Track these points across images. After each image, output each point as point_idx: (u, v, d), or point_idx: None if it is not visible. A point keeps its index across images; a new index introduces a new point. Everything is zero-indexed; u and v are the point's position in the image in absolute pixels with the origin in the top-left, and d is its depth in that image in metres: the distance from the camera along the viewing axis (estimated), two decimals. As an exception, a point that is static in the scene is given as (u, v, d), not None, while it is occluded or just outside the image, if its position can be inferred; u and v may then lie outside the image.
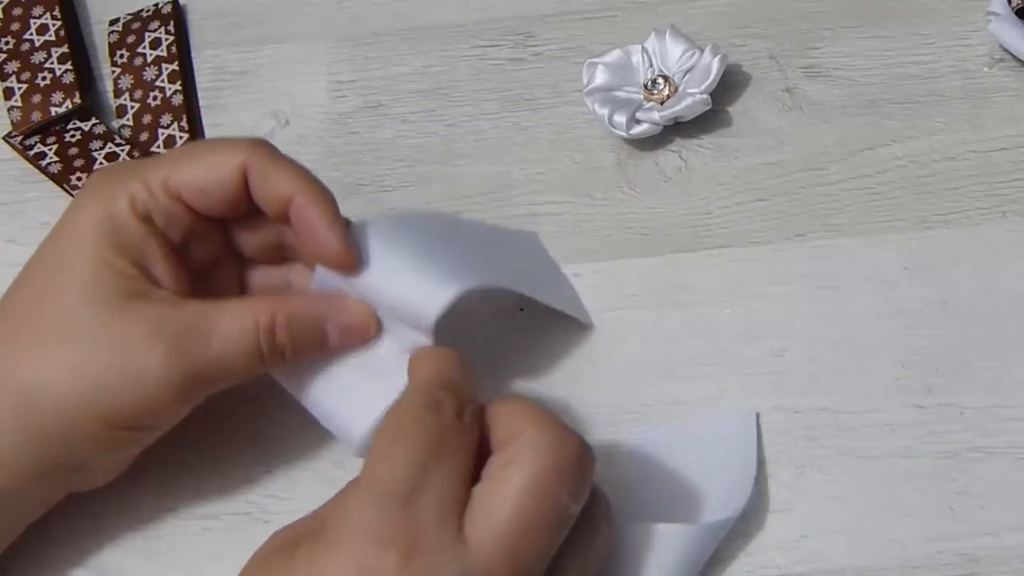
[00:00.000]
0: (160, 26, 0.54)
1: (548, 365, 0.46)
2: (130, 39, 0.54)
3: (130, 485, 0.44)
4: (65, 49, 0.53)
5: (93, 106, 0.53)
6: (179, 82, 0.53)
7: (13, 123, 0.52)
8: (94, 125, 0.52)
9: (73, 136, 0.52)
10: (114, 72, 0.53)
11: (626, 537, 0.40)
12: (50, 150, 0.52)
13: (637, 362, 0.46)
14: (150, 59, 0.53)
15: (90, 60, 0.55)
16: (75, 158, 0.51)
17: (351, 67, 0.53)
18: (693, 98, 0.48)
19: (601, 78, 0.50)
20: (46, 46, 0.53)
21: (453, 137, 0.51)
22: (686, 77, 0.50)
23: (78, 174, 0.51)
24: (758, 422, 0.44)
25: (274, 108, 0.53)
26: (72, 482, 0.41)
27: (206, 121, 0.52)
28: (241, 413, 0.45)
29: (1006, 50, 0.50)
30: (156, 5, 0.55)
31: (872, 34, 0.52)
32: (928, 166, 0.48)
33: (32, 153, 0.52)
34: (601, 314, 0.47)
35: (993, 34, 0.49)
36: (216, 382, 0.39)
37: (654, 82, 0.50)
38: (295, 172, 0.40)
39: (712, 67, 0.49)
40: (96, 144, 0.52)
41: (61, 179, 0.51)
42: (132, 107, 0.52)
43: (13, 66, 0.53)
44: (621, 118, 0.48)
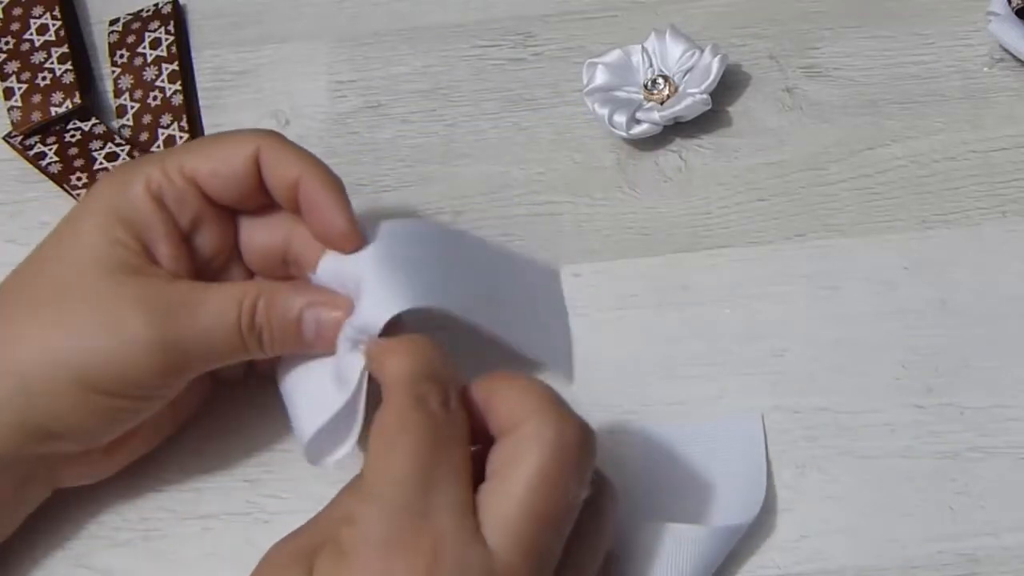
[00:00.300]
0: (160, 26, 0.54)
1: (548, 365, 0.46)
2: (130, 39, 0.54)
3: (131, 485, 0.44)
4: (65, 49, 0.53)
5: (93, 106, 0.53)
6: (179, 82, 0.53)
7: (13, 123, 0.52)
8: (94, 125, 0.52)
9: (73, 136, 0.52)
10: (114, 72, 0.53)
11: (641, 536, 0.40)
12: (50, 150, 0.52)
13: (637, 362, 0.46)
14: (150, 59, 0.53)
15: (90, 60, 0.55)
16: (75, 158, 0.51)
17: (351, 67, 0.53)
18: (693, 98, 0.48)
19: (601, 78, 0.50)
20: (46, 46, 0.53)
21: (453, 137, 0.51)
22: (686, 77, 0.50)
23: (78, 174, 0.51)
24: (763, 423, 0.44)
25: (274, 108, 0.53)
26: (60, 465, 0.41)
27: (206, 121, 0.52)
28: (241, 413, 0.45)
29: (1006, 50, 0.50)
30: (156, 5, 0.55)
31: (872, 34, 0.52)
32: (928, 166, 0.49)
33: (32, 153, 0.52)
34: (601, 314, 0.47)
35: (993, 34, 0.49)
36: (199, 358, 0.40)
37: (654, 82, 0.50)
38: (303, 157, 0.41)
39: (712, 67, 0.49)
40: (96, 144, 0.52)
41: (61, 179, 0.51)
42: (132, 107, 0.52)
43: (13, 66, 0.53)
44: (621, 118, 0.48)
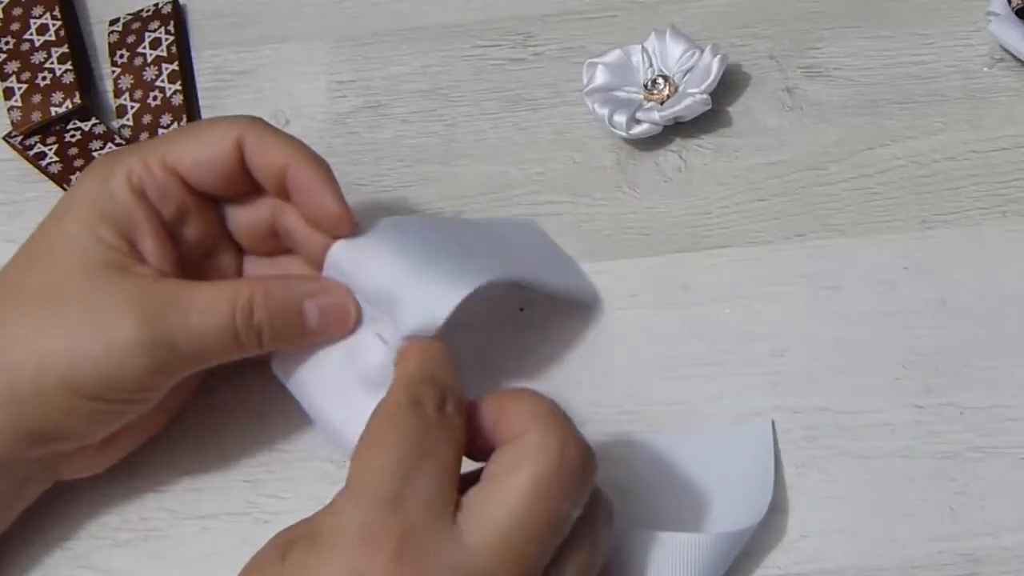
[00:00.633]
0: (160, 26, 0.54)
1: (548, 365, 0.46)
2: (130, 39, 0.54)
3: (131, 485, 0.44)
4: (65, 49, 0.53)
5: (93, 106, 0.53)
6: (179, 82, 0.53)
7: (13, 123, 0.52)
8: (94, 125, 0.52)
9: (73, 136, 0.52)
10: (114, 72, 0.53)
11: (646, 544, 0.40)
12: (50, 150, 0.52)
13: (637, 362, 0.46)
14: (150, 59, 0.53)
15: (90, 60, 0.55)
16: (75, 158, 0.51)
17: (351, 67, 0.53)
18: (693, 98, 0.48)
19: (601, 78, 0.50)
20: (46, 46, 0.53)
21: (453, 137, 0.51)
22: (686, 77, 0.50)
23: (78, 174, 0.51)
24: (774, 431, 0.44)
25: (274, 108, 0.52)
26: (56, 462, 0.41)
27: (206, 121, 0.53)
28: (241, 413, 0.45)
29: (1006, 50, 0.50)
30: (156, 5, 0.55)
31: (872, 34, 0.52)
32: (928, 166, 0.49)
33: (32, 153, 0.52)
34: (601, 314, 0.47)
35: (993, 34, 0.49)
36: (190, 359, 0.39)
37: (654, 82, 0.50)
38: (289, 141, 0.41)
39: (712, 67, 0.49)
40: (96, 144, 0.52)
41: (61, 179, 0.51)
42: (132, 107, 0.52)
43: (13, 66, 0.53)
44: (621, 118, 0.48)
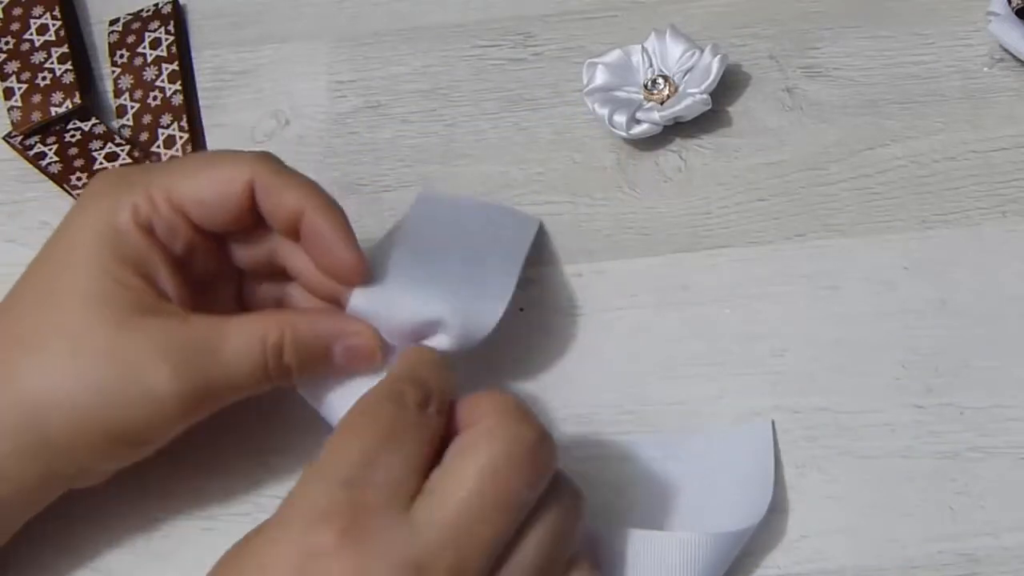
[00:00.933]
0: (160, 26, 0.54)
1: (548, 365, 0.46)
2: (130, 39, 0.54)
3: (132, 486, 0.44)
4: (65, 49, 0.53)
5: (93, 106, 0.53)
6: (179, 82, 0.52)
7: (13, 123, 0.52)
8: (94, 125, 0.52)
9: (73, 136, 0.52)
10: (114, 72, 0.53)
11: (646, 545, 0.40)
12: (50, 150, 0.52)
13: (637, 362, 0.46)
14: (150, 59, 0.53)
15: (90, 60, 0.55)
16: (75, 158, 0.51)
17: (351, 67, 0.53)
18: (693, 98, 0.48)
19: (601, 78, 0.50)
20: (46, 46, 0.53)
21: (453, 137, 0.51)
22: (686, 77, 0.50)
23: (78, 174, 0.51)
24: (774, 432, 0.44)
25: (274, 108, 0.52)
26: (70, 485, 0.41)
27: (206, 121, 0.52)
28: (243, 414, 0.45)
29: (1006, 50, 0.50)
30: (156, 5, 0.55)
31: (872, 34, 0.52)
32: (928, 166, 0.49)
33: (32, 153, 0.52)
34: (601, 314, 0.47)
35: (993, 34, 0.49)
36: (223, 398, 0.39)
37: (654, 82, 0.50)
38: (303, 185, 0.40)
39: (712, 67, 0.49)
40: (96, 144, 0.52)
41: (61, 179, 0.51)
42: (132, 107, 0.52)
43: (13, 66, 0.53)
44: (621, 118, 0.48)
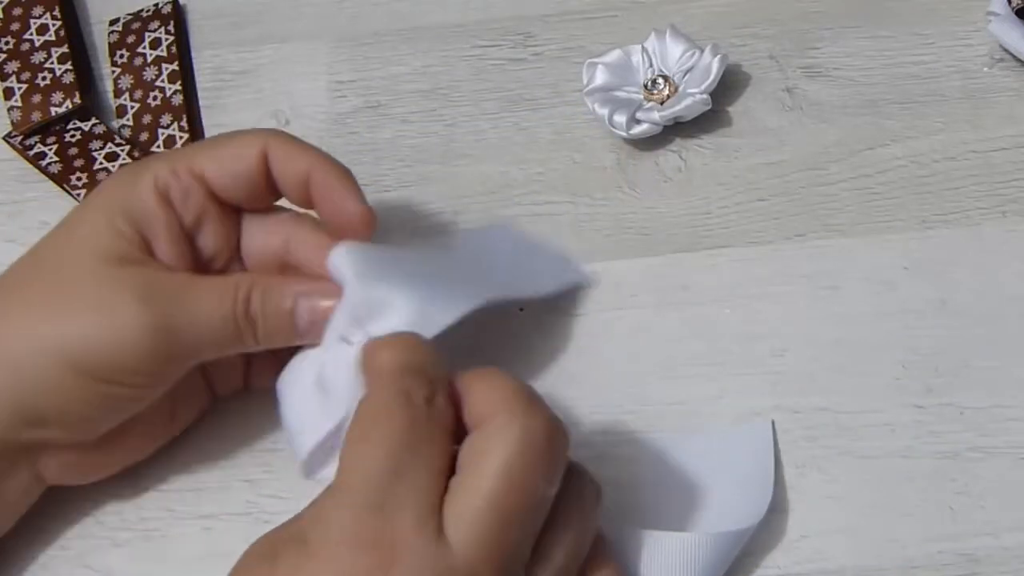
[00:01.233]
0: (160, 26, 0.54)
1: (548, 365, 0.46)
2: (130, 39, 0.54)
3: (131, 485, 0.44)
4: (65, 49, 0.53)
5: (93, 106, 0.53)
6: (179, 82, 0.53)
7: (13, 123, 0.52)
8: (94, 125, 0.52)
9: (73, 136, 0.52)
10: (114, 72, 0.53)
11: (646, 544, 0.40)
12: (50, 150, 0.52)
13: (637, 362, 0.46)
14: (150, 59, 0.53)
15: (90, 60, 0.55)
16: (75, 158, 0.51)
17: (351, 67, 0.53)
18: (693, 98, 0.48)
19: (601, 78, 0.50)
20: (46, 46, 0.53)
21: (453, 137, 0.51)
22: (686, 77, 0.50)
23: (78, 174, 0.51)
24: (774, 432, 0.44)
25: (274, 108, 0.52)
26: (47, 458, 0.41)
27: (206, 121, 0.52)
28: (241, 414, 0.45)
29: (1006, 50, 0.50)
30: (156, 5, 0.55)
31: (872, 34, 0.52)
32: (928, 166, 0.49)
33: (32, 153, 0.52)
34: (601, 314, 0.47)
35: (993, 34, 0.49)
36: (191, 347, 0.40)
37: (654, 82, 0.50)
38: (311, 150, 0.42)
39: (712, 67, 0.49)
40: (96, 144, 0.52)
41: (61, 179, 0.51)
42: (132, 107, 0.52)
43: (13, 66, 0.53)
44: (621, 118, 0.48)
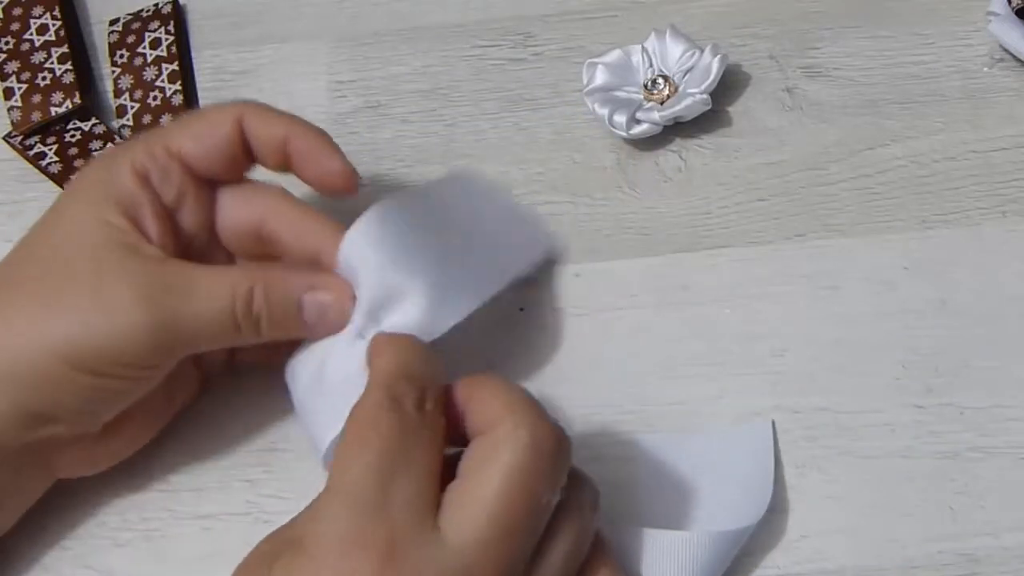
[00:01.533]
0: (160, 26, 0.54)
1: (548, 365, 0.46)
2: (130, 39, 0.54)
3: (131, 486, 0.44)
4: (65, 49, 0.53)
5: (93, 106, 0.53)
6: (179, 82, 0.53)
7: (13, 123, 0.52)
8: (94, 125, 0.52)
9: (73, 136, 0.52)
10: (114, 72, 0.53)
11: (646, 544, 0.40)
12: (50, 150, 0.52)
13: (637, 362, 0.46)
14: (150, 59, 0.53)
15: (90, 60, 0.55)
16: (75, 158, 0.51)
17: (351, 67, 0.53)
18: (693, 98, 0.48)
19: (601, 78, 0.50)
20: (46, 46, 0.53)
21: (453, 137, 0.51)
22: (686, 77, 0.50)
23: (78, 174, 0.51)
24: (774, 432, 0.44)
25: (274, 108, 0.52)
26: (54, 453, 0.41)
27: (206, 121, 0.52)
28: (241, 413, 0.45)
29: (1006, 50, 0.50)
30: (156, 5, 0.55)
31: (872, 34, 0.52)
32: (928, 166, 0.49)
33: (32, 153, 0.52)
34: (601, 314, 0.47)
35: (993, 34, 0.49)
36: (190, 341, 0.40)
37: (654, 82, 0.50)
38: (287, 114, 0.42)
39: (712, 67, 0.49)
40: (96, 144, 0.52)
41: (61, 179, 0.51)
42: (132, 107, 0.52)
43: (13, 66, 0.53)
44: (621, 118, 0.48)
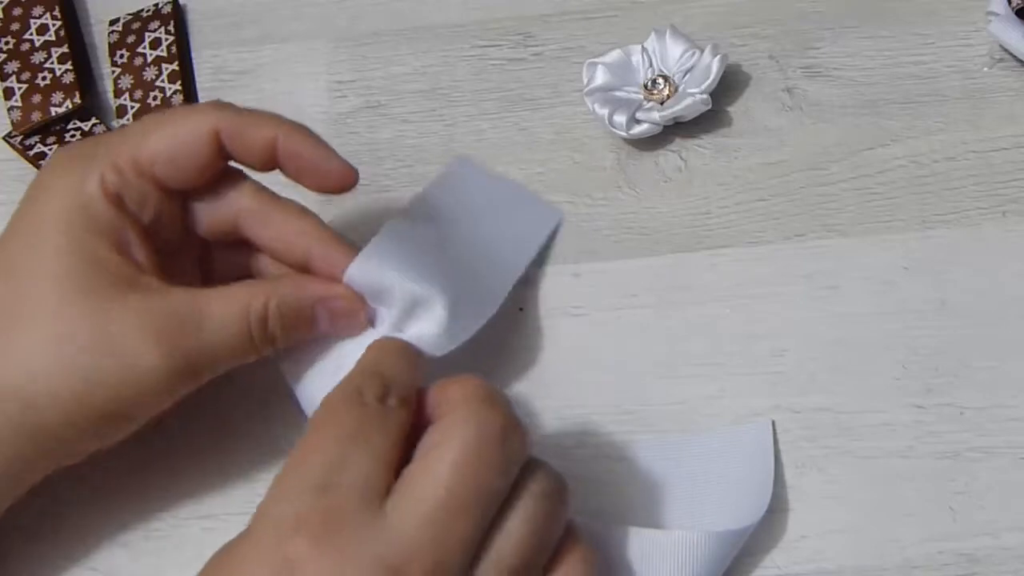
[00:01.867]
0: (160, 26, 0.54)
1: (548, 365, 0.46)
2: (130, 39, 0.54)
3: (132, 485, 0.44)
4: (65, 49, 0.53)
5: (93, 106, 0.53)
6: (179, 82, 0.53)
7: (13, 123, 0.52)
8: (94, 125, 0.52)
9: (73, 136, 0.52)
10: (114, 72, 0.53)
11: (646, 544, 0.40)
12: (50, 150, 0.52)
13: (637, 362, 0.46)
14: (150, 59, 0.53)
15: (90, 60, 0.55)
16: (75, 158, 0.51)
17: (351, 67, 0.53)
18: (693, 98, 0.48)
19: (601, 78, 0.50)
20: (46, 46, 0.53)
21: (453, 137, 0.51)
22: (686, 77, 0.50)
23: (78, 174, 0.51)
24: (774, 432, 0.44)
25: (274, 108, 0.51)
26: (56, 465, 0.41)
27: (206, 121, 0.52)
28: (241, 413, 0.45)
29: (1006, 50, 0.50)
30: (156, 5, 0.55)
31: (872, 34, 0.52)
32: (928, 166, 0.49)
33: (32, 153, 0.52)
34: (601, 314, 0.47)
35: (993, 34, 0.49)
36: (209, 369, 0.39)
37: (654, 82, 0.50)
38: (268, 117, 0.41)
39: (712, 67, 0.49)
40: (96, 144, 0.52)
41: (61, 179, 0.51)
42: (132, 107, 0.52)
43: (13, 66, 0.53)
44: (621, 118, 0.48)
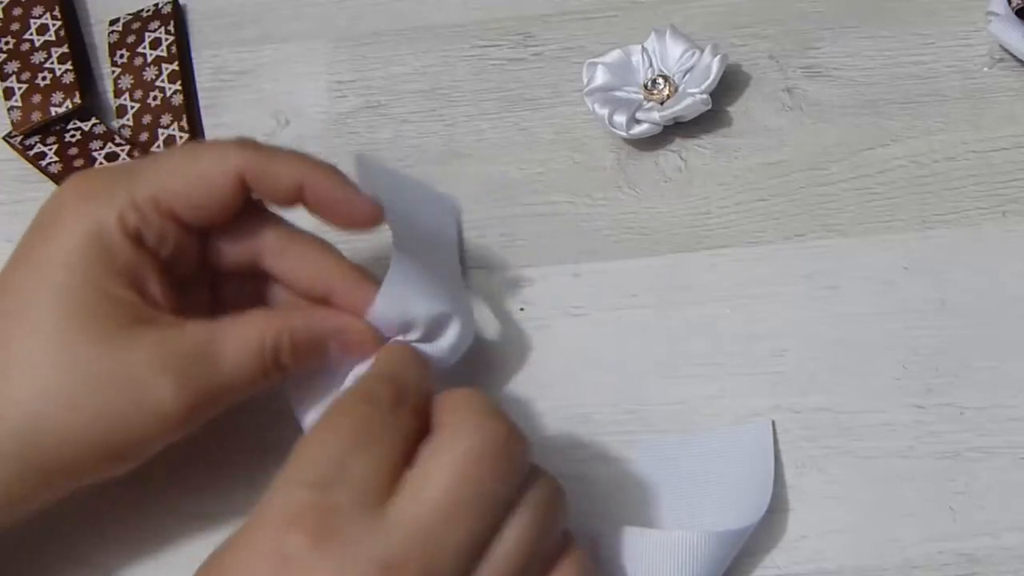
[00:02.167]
0: (160, 26, 0.54)
1: (548, 365, 0.46)
2: (130, 39, 0.54)
3: (132, 485, 0.44)
4: (65, 49, 0.53)
5: (93, 106, 0.53)
6: (179, 82, 0.53)
7: (13, 123, 0.52)
8: (94, 125, 0.52)
9: (73, 136, 0.52)
10: (114, 72, 0.53)
11: (646, 544, 0.40)
12: (50, 150, 0.52)
13: (637, 362, 0.46)
14: (150, 59, 0.53)
15: (90, 60, 0.55)
16: (75, 158, 0.51)
17: (351, 67, 0.53)
18: (693, 98, 0.48)
19: (601, 78, 0.50)
20: (46, 46, 0.53)
21: (453, 137, 0.51)
22: (686, 77, 0.50)
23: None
24: (774, 432, 0.44)
25: (274, 108, 0.52)
26: (62, 495, 0.41)
27: (206, 121, 0.52)
28: (242, 413, 0.45)
29: (1006, 50, 0.50)
30: (156, 5, 0.55)
31: (872, 34, 0.52)
32: (928, 166, 0.49)
33: (32, 153, 0.52)
34: (601, 314, 0.47)
35: (993, 34, 0.49)
36: (223, 402, 0.39)
37: (654, 82, 0.50)
38: (293, 158, 0.40)
39: (712, 67, 0.49)
40: (96, 144, 0.52)
41: (61, 179, 0.51)
42: (132, 107, 0.52)
43: (13, 66, 0.53)
44: (621, 118, 0.48)
